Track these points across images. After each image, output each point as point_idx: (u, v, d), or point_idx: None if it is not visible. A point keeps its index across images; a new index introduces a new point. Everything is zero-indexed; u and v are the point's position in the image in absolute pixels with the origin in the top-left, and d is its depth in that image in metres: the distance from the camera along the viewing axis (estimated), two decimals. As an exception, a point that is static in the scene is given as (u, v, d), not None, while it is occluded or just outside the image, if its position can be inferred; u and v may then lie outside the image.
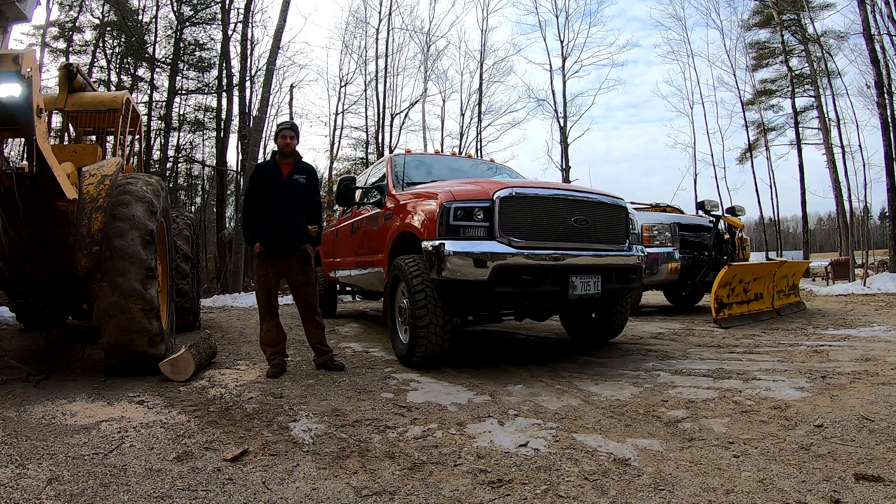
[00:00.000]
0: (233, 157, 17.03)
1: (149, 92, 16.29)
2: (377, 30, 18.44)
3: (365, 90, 18.67)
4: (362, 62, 18.61)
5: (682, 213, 8.58)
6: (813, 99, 17.59)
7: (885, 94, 12.21)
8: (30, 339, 4.76)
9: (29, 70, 2.71)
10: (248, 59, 15.28)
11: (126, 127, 4.77)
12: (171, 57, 16.16)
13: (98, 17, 15.84)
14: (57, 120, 5.31)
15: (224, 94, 15.78)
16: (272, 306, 3.54)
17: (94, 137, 4.62)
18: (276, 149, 3.58)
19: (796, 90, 18.20)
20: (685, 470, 1.82)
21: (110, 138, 4.77)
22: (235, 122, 15.38)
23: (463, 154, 14.18)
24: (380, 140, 18.05)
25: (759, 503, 1.57)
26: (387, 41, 18.51)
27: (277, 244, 3.42)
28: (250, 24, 15.11)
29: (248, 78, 15.18)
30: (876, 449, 1.94)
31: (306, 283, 3.55)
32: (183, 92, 16.79)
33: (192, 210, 17.94)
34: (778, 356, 3.79)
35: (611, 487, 1.70)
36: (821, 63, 16.44)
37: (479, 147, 19.20)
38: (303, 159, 3.64)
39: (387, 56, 18.47)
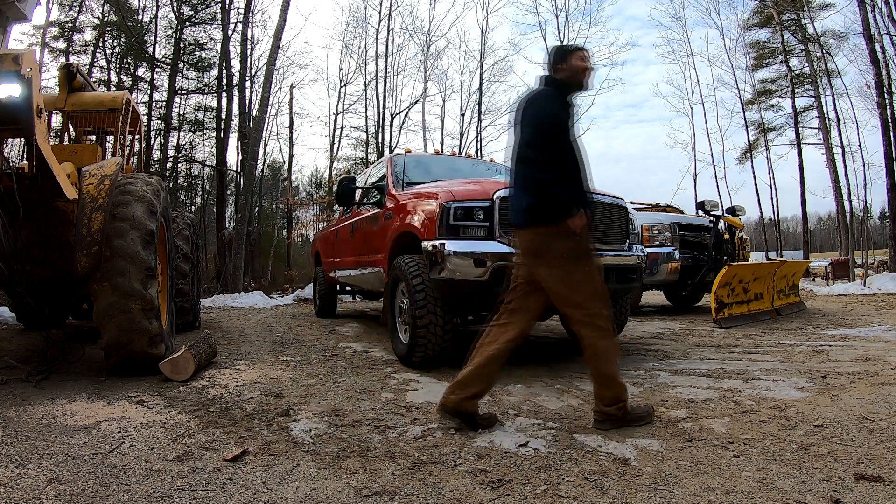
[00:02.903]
0: (233, 157, 16.99)
1: (149, 92, 16.29)
2: (377, 30, 18.42)
3: (365, 90, 18.66)
4: (362, 62, 18.60)
5: (682, 213, 8.58)
6: (813, 99, 17.61)
7: (885, 94, 12.21)
8: (30, 339, 4.76)
9: (29, 70, 2.71)
10: (248, 59, 15.28)
11: (126, 127, 4.77)
12: (171, 57, 16.15)
13: (98, 17, 15.84)
14: (57, 120, 5.31)
15: (224, 94, 15.78)
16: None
17: (94, 137, 4.61)
18: (559, 77, 2.32)
19: (796, 90, 18.22)
20: (685, 470, 1.82)
21: (110, 138, 4.77)
22: (235, 122, 15.39)
23: (463, 154, 14.17)
24: (380, 140, 18.04)
25: (759, 503, 1.57)
26: (387, 41, 18.50)
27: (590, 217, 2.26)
28: (250, 24, 15.12)
29: (248, 78, 15.18)
30: (876, 449, 1.94)
31: None
32: (183, 92, 16.79)
33: (192, 210, 17.93)
34: (778, 356, 3.79)
35: (611, 487, 1.70)
36: (821, 63, 16.45)
37: (479, 147, 19.18)
38: None
39: (387, 56, 18.46)
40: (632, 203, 4.14)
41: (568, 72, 2.33)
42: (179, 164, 17.82)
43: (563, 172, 2.20)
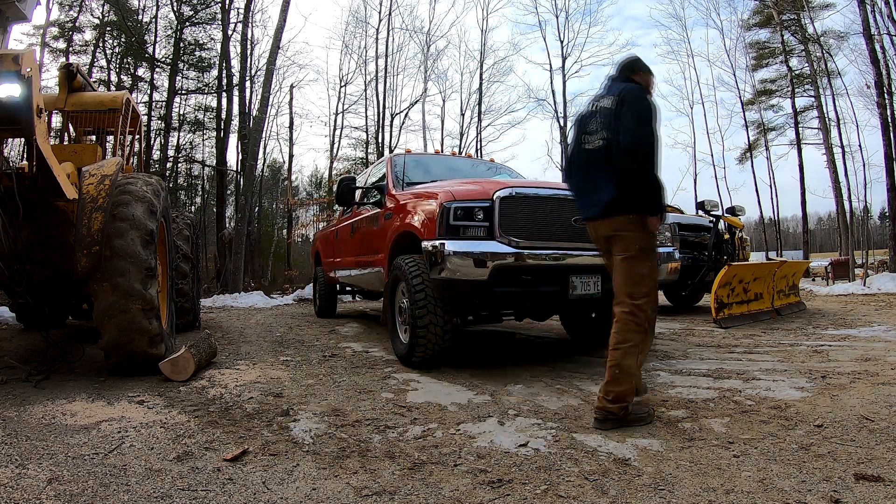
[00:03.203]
0: (233, 157, 17.02)
1: (149, 92, 16.31)
2: (377, 30, 18.46)
3: (365, 90, 18.69)
4: (362, 62, 18.63)
5: (682, 213, 8.57)
6: (813, 99, 17.63)
7: (885, 94, 12.22)
8: (30, 339, 4.76)
9: (29, 70, 2.71)
10: (248, 59, 15.30)
11: (126, 127, 4.76)
12: (171, 57, 16.16)
13: (98, 17, 15.86)
14: (57, 120, 5.31)
15: (224, 94, 15.80)
16: None
17: (94, 137, 4.61)
18: (639, 81, 2.48)
19: (796, 90, 18.25)
20: (685, 470, 1.82)
21: (110, 138, 4.77)
22: (235, 122, 15.40)
23: (463, 154, 14.18)
24: (380, 140, 18.06)
25: (759, 503, 1.57)
26: (387, 41, 18.53)
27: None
28: (250, 24, 15.13)
29: (248, 78, 15.19)
30: (876, 449, 1.94)
31: None
32: (183, 92, 16.81)
33: (192, 210, 17.93)
34: (778, 356, 3.79)
35: (611, 487, 1.70)
36: (821, 63, 16.46)
37: (479, 147, 19.22)
38: None
39: (387, 56, 18.49)
40: (632, 203, 4.13)
41: (643, 83, 2.45)
42: (179, 164, 17.84)
43: (657, 170, 2.28)
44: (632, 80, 2.46)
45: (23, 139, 3.05)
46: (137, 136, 5.25)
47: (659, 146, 2.28)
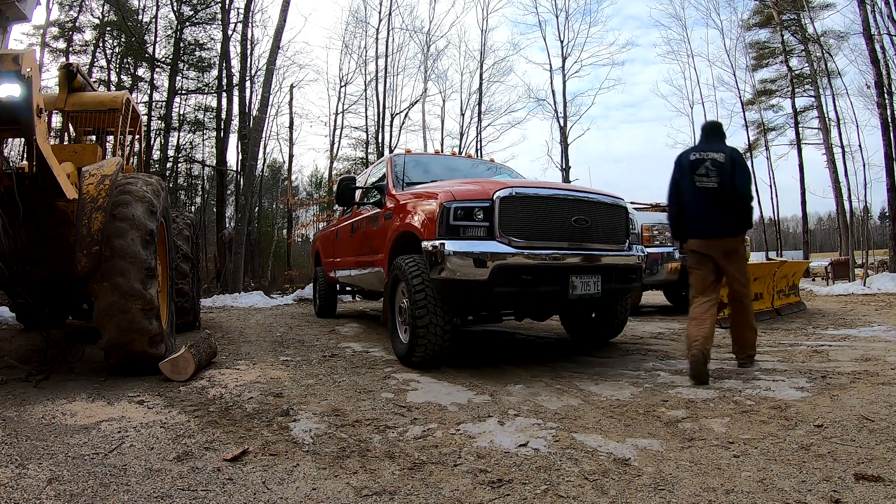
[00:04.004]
0: (233, 157, 17.02)
1: (149, 92, 16.30)
2: (377, 30, 18.45)
3: (365, 90, 18.68)
4: (362, 62, 18.62)
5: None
6: (813, 99, 17.65)
7: (885, 94, 12.22)
8: (30, 339, 4.76)
9: (29, 70, 2.71)
10: (248, 59, 15.31)
11: (126, 127, 4.77)
12: (171, 57, 16.16)
13: (98, 17, 15.86)
14: (57, 120, 5.31)
15: (224, 94, 15.79)
16: None
17: (94, 137, 4.61)
18: None
19: (796, 90, 18.26)
20: (685, 470, 1.82)
21: (110, 138, 4.77)
22: (235, 122, 15.41)
23: (463, 154, 14.18)
24: (380, 140, 18.05)
25: (759, 503, 1.57)
26: (387, 41, 18.52)
27: None
28: (250, 24, 15.14)
29: (248, 78, 15.19)
30: (876, 449, 1.94)
31: None
32: (183, 92, 16.80)
33: (192, 210, 17.93)
34: (778, 356, 3.79)
35: (611, 487, 1.70)
36: (821, 63, 16.48)
37: (479, 147, 19.22)
38: None
39: (387, 56, 18.48)
40: (632, 203, 4.15)
41: None
42: (179, 164, 17.83)
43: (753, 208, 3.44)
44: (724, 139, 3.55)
45: (23, 139, 3.05)
46: (137, 136, 5.25)
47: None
